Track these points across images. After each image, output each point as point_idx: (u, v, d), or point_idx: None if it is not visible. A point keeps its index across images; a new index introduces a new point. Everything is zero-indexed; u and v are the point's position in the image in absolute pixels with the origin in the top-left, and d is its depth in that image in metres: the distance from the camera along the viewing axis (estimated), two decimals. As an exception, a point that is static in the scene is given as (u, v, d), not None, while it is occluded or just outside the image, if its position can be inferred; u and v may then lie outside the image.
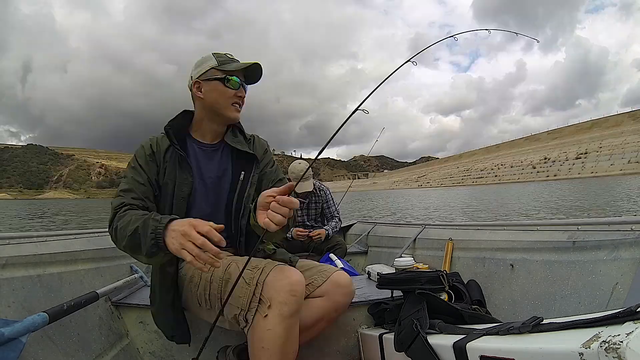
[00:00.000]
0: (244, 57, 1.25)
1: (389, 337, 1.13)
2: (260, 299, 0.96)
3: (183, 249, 0.84)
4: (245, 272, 1.01)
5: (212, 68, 1.15)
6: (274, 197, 0.88)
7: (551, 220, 1.70)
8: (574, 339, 0.56)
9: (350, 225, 3.27)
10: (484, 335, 0.77)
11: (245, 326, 0.99)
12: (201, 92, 1.16)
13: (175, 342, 1.20)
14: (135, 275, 1.69)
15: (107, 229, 1.06)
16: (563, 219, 1.51)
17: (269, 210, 0.87)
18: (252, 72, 1.19)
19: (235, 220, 1.20)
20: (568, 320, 0.64)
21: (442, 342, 0.85)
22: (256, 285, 0.97)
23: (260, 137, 1.33)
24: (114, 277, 1.57)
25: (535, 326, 0.67)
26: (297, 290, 0.95)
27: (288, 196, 0.87)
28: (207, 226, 0.84)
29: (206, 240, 0.83)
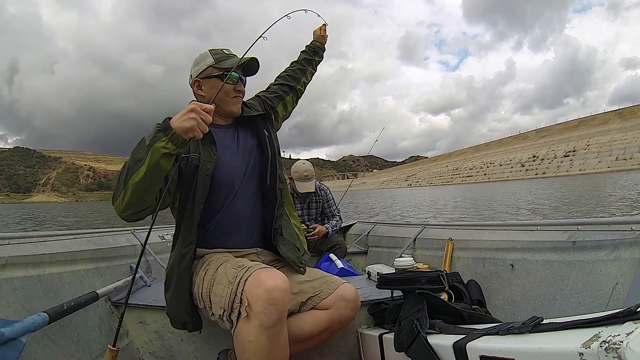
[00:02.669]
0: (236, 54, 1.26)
1: (389, 337, 1.12)
2: (241, 299, 0.93)
3: (189, 118, 0.93)
4: (229, 271, 1.00)
5: (210, 66, 1.16)
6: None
7: (551, 220, 1.70)
8: (574, 339, 0.56)
9: (350, 225, 3.27)
10: (484, 335, 0.77)
11: (232, 328, 0.97)
12: (202, 90, 1.19)
13: (188, 330, 1.18)
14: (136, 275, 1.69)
15: (106, 229, 1.06)
16: (563, 219, 1.51)
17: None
18: (249, 66, 1.21)
19: (271, 189, 1.22)
20: (568, 320, 0.64)
21: (442, 342, 0.85)
22: (238, 284, 0.95)
23: (248, 99, 1.36)
24: (114, 277, 1.57)
25: (535, 326, 0.67)
26: (275, 299, 0.90)
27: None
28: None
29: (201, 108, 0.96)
